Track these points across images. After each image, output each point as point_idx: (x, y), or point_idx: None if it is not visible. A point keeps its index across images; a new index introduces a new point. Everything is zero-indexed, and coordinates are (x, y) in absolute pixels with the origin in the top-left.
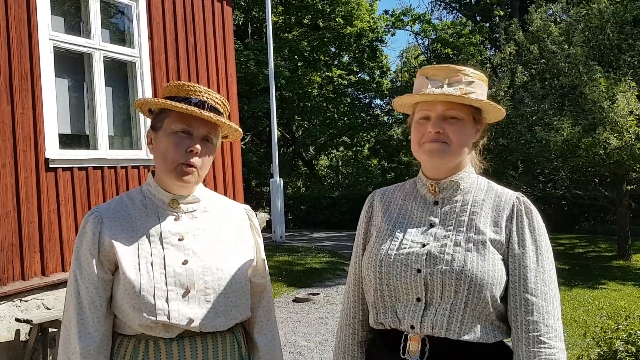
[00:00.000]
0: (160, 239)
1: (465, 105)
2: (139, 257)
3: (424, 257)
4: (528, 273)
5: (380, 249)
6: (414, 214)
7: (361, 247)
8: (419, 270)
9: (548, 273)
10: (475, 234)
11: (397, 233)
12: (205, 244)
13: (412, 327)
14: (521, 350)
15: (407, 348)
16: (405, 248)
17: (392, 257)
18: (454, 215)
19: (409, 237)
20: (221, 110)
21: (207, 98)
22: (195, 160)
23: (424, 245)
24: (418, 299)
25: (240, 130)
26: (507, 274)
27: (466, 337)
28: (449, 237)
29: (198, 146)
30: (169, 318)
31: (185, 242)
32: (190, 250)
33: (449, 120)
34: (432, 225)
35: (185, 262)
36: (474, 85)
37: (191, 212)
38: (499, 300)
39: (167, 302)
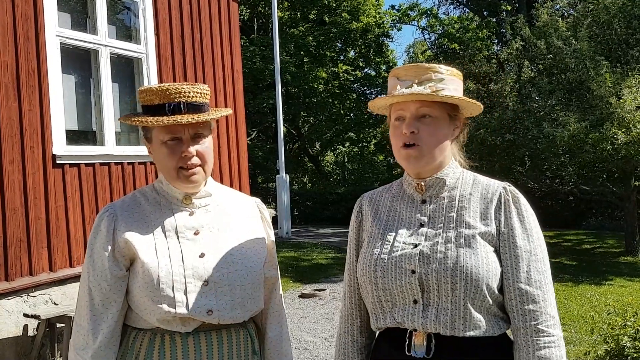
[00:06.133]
0: (176, 233)
1: (438, 103)
2: (156, 250)
3: (417, 258)
4: (521, 262)
5: (373, 253)
6: (403, 214)
7: (354, 254)
8: (413, 272)
9: (541, 260)
10: (465, 229)
11: (388, 236)
12: (220, 237)
13: (415, 330)
14: (520, 340)
15: (412, 344)
16: (397, 250)
17: (386, 260)
18: (442, 212)
19: (401, 239)
20: (200, 100)
21: (182, 97)
22: (194, 160)
23: (415, 246)
24: (415, 301)
25: (229, 110)
26: (501, 265)
27: (472, 333)
28: (439, 234)
29: (191, 149)
30: (188, 310)
31: (201, 236)
32: (206, 244)
33: (423, 119)
34: (422, 225)
35: (202, 255)
36: (446, 81)
37: (204, 206)
38: (496, 292)
39: (186, 294)
